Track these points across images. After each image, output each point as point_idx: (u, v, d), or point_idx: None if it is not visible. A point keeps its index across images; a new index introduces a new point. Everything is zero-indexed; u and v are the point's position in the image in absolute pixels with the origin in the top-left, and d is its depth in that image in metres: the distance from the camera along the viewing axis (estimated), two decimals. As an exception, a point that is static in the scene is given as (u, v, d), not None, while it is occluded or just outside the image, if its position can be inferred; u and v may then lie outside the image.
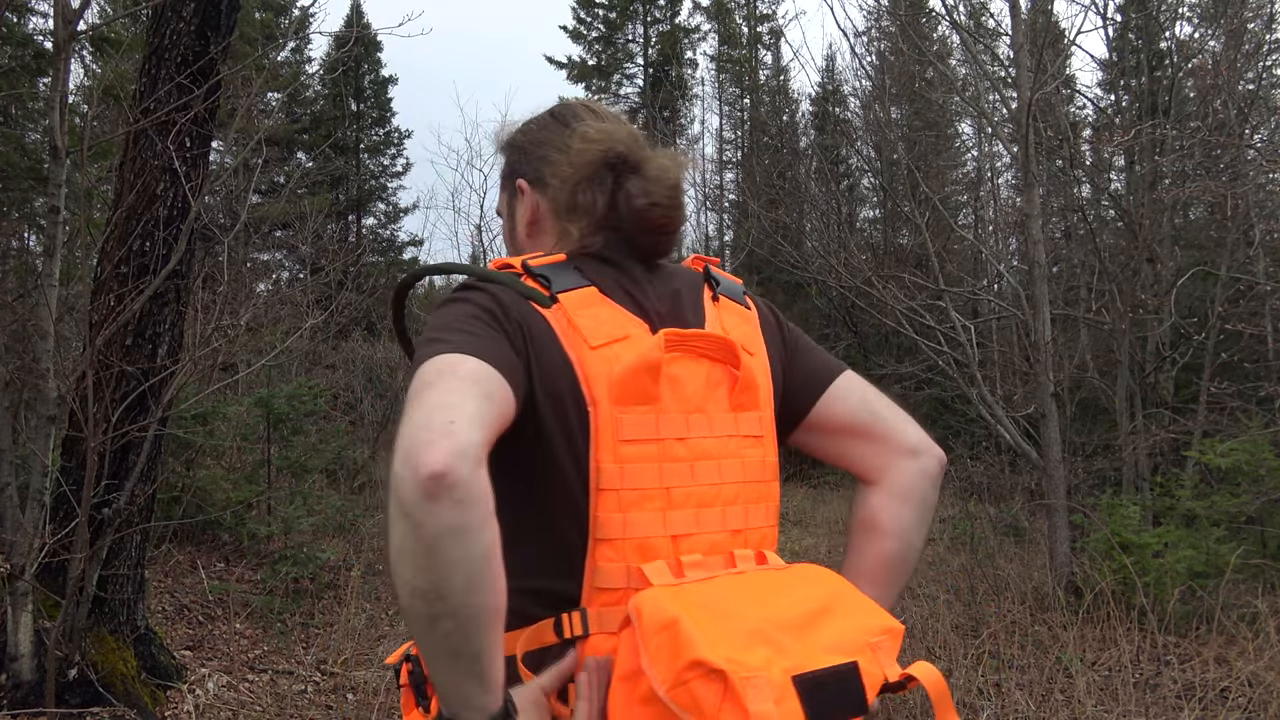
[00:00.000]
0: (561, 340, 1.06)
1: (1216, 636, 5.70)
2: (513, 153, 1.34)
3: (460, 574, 0.85)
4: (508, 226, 1.36)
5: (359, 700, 4.84)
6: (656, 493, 1.06)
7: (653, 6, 28.03)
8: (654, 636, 0.93)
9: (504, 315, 1.05)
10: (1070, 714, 4.59)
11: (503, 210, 1.38)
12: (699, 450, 1.10)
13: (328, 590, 6.87)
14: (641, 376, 1.06)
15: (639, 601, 0.97)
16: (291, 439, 8.22)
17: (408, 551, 0.85)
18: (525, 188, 1.30)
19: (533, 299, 1.08)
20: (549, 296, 1.09)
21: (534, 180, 1.28)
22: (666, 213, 1.20)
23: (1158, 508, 7.73)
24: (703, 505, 1.09)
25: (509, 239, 1.36)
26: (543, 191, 1.27)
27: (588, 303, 1.10)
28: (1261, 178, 9.57)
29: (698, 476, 1.09)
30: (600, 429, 1.04)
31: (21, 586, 3.87)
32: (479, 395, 0.93)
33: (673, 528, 1.06)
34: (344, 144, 24.91)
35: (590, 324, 1.08)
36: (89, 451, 3.89)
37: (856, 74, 17.21)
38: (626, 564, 1.04)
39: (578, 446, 1.05)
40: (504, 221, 1.38)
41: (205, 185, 4.69)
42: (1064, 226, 13.55)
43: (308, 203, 16.12)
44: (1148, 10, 11.85)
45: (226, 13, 4.60)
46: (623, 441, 1.04)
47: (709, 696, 0.89)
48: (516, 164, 1.33)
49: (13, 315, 6.32)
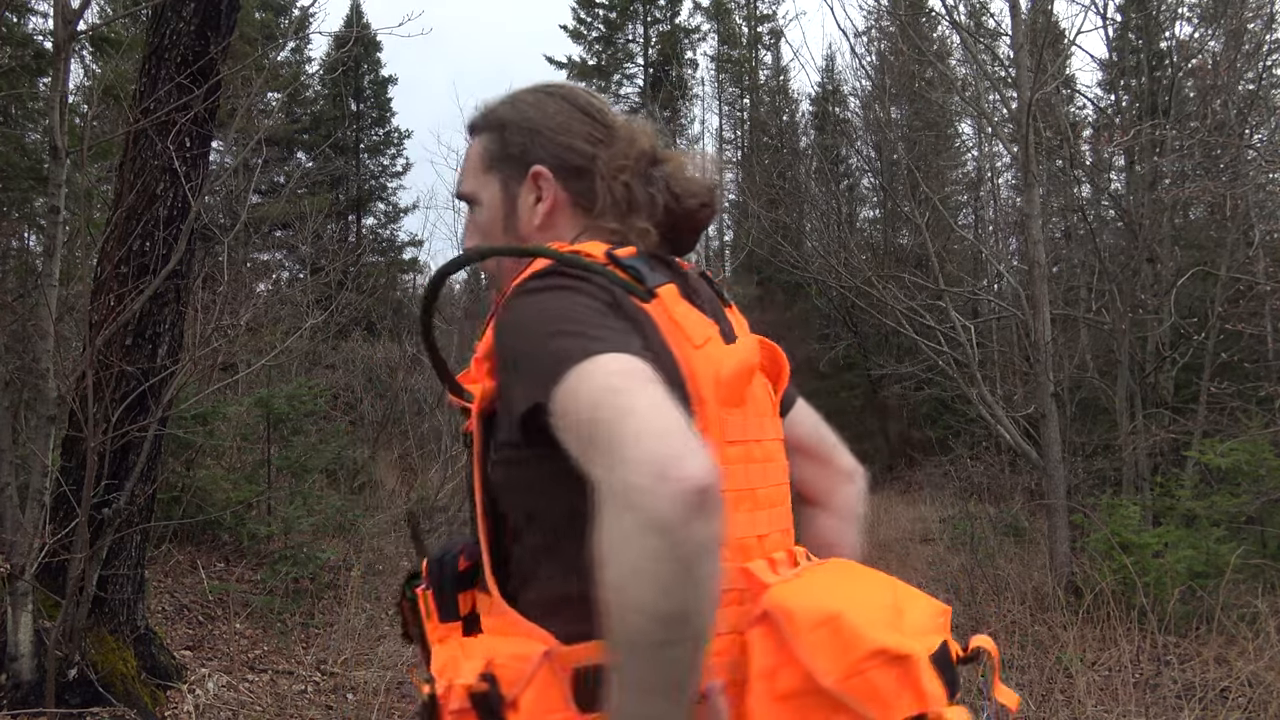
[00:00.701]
0: (666, 337, 1.02)
1: (1216, 636, 5.70)
2: (521, 134, 1.21)
3: (709, 593, 0.81)
4: (498, 214, 1.22)
5: (359, 700, 4.84)
6: (747, 494, 1.06)
7: (653, 6, 28.02)
8: (812, 632, 0.93)
9: (619, 308, 1.01)
10: (1070, 714, 4.59)
11: (486, 196, 1.23)
12: (767, 453, 1.12)
13: (328, 590, 6.87)
14: (744, 379, 1.07)
15: (780, 599, 0.97)
16: (291, 439, 8.22)
17: (657, 573, 0.78)
18: (546, 175, 1.19)
19: (633, 293, 1.03)
20: (647, 290, 1.04)
21: (557, 168, 1.19)
22: (711, 213, 1.21)
23: (1158, 508, 7.74)
24: (772, 506, 1.11)
25: (499, 228, 1.22)
26: (568, 181, 1.19)
27: (677, 300, 1.07)
28: (1261, 178, 9.58)
29: (768, 477, 1.11)
30: (709, 429, 1.01)
31: (21, 586, 3.87)
32: (673, 399, 0.87)
33: (757, 528, 1.07)
34: (344, 144, 24.90)
35: (688, 322, 1.05)
36: (89, 451, 3.89)
37: (856, 74, 17.23)
38: (733, 564, 1.02)
39: None
40: (487, 209, 1.23)
41: (205, 185, 4.69)
42: (1064, 226, 13.55)
43: (308, 203, 16.10)
44: (1148, 10, 11.86)
45: (226, 13, 4.60)
46: (727, 442, 1.03)
47: (888, 683, 0.90)
48: (527, 147, 1.20)
49: (13, 315, 6.32)
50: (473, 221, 1.26)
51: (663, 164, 1.19)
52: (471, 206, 1.26)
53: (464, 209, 1.29)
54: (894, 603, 1.01)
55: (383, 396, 12.04)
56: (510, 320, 1.01)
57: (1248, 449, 7.11)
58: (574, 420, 0.87)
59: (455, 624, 1.09)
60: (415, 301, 20.97)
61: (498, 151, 1.23)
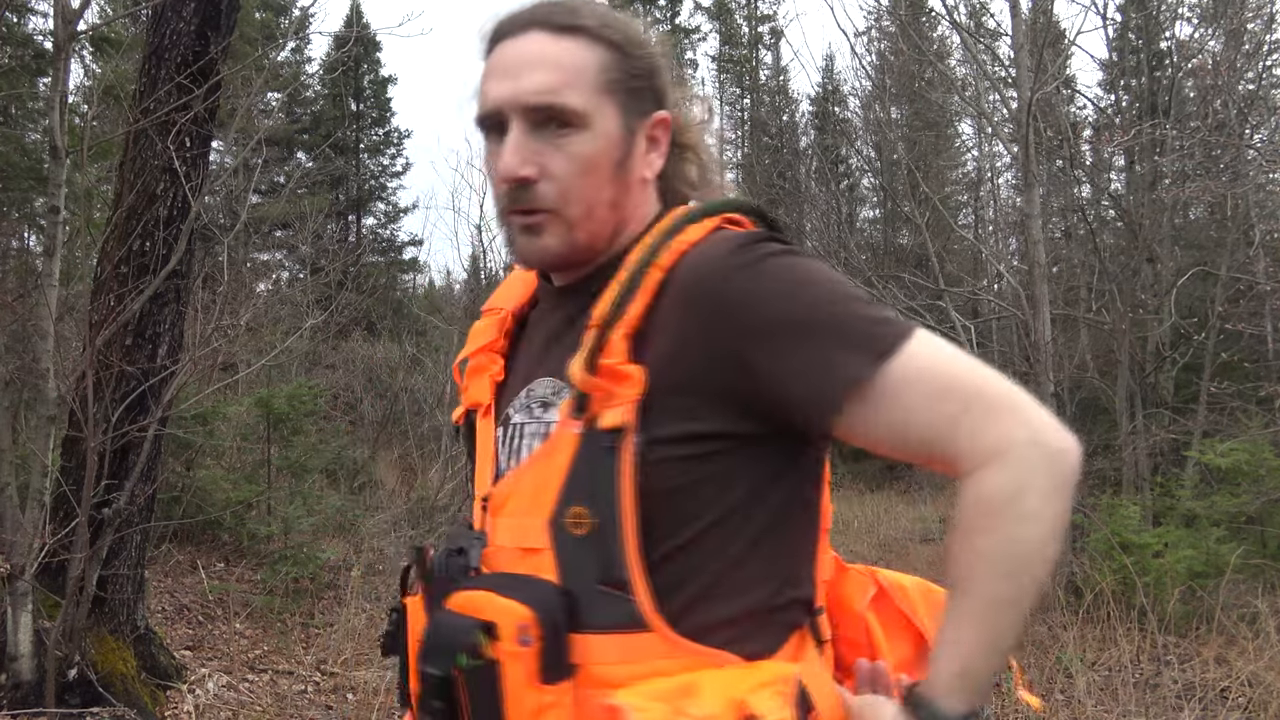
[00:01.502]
0: None
1: (1216, 636, 5.70)
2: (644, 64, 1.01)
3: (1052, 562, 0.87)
4: (615, 150, 0.98)
5: (359, 700, 4.84)
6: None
7: (653, 7, 28.02)
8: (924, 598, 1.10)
9: None
10: (1070, 714, 4.59)
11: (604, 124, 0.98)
12: None
13: (328, 590, 6.86)
14: None
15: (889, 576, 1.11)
16: (291, 439, 8.22)
17: (1058, 531, 0.86)
18: (669, 124, 1.04)
19: None
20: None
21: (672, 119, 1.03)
22: None
23: (1158, 508, 7.73)
24: None
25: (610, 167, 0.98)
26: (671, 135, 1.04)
27: None
28: (1261, 178, 9.57)
29: None
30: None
31: (21, 586, 3.87)
32: None
33: None
34: (344, 144, 24.90)
35: None
36: (89, 451, 3.89)
37: (856, 74, 17.24)
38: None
39: None
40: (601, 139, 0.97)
41: (205, 185, 4.69)
42: (1064, 226, 13.55)
43: (308, 203, 16.12)
44: (1148, 10, 11.86)
45: (226, 13, 4.60)
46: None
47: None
48: (653, 85, 1.02)
49: (13, 315, 6.32)
50: (559, 146, 0.96)
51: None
52: (564, 126, 0.97)
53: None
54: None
55: (383, 396, 12.04)
56: (785, 285, 0.89)
57: (1248, 449, 7.11)
58: (928, 382, 0.87)
59: (566, 683, 0.86)
60: (415, 301, 20.96)
61: (621, 76, 0.99)
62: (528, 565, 0.90)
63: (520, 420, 1.02)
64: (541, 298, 1.11)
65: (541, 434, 0.98)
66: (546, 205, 0.97)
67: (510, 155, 0.96)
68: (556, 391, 0.98)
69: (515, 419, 1.03)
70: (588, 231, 0.98)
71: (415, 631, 0.98)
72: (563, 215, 0.97)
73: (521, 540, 0.92)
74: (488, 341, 1.11)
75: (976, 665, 0.86)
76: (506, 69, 0.98)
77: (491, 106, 0.98)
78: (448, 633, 0.88)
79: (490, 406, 1.07)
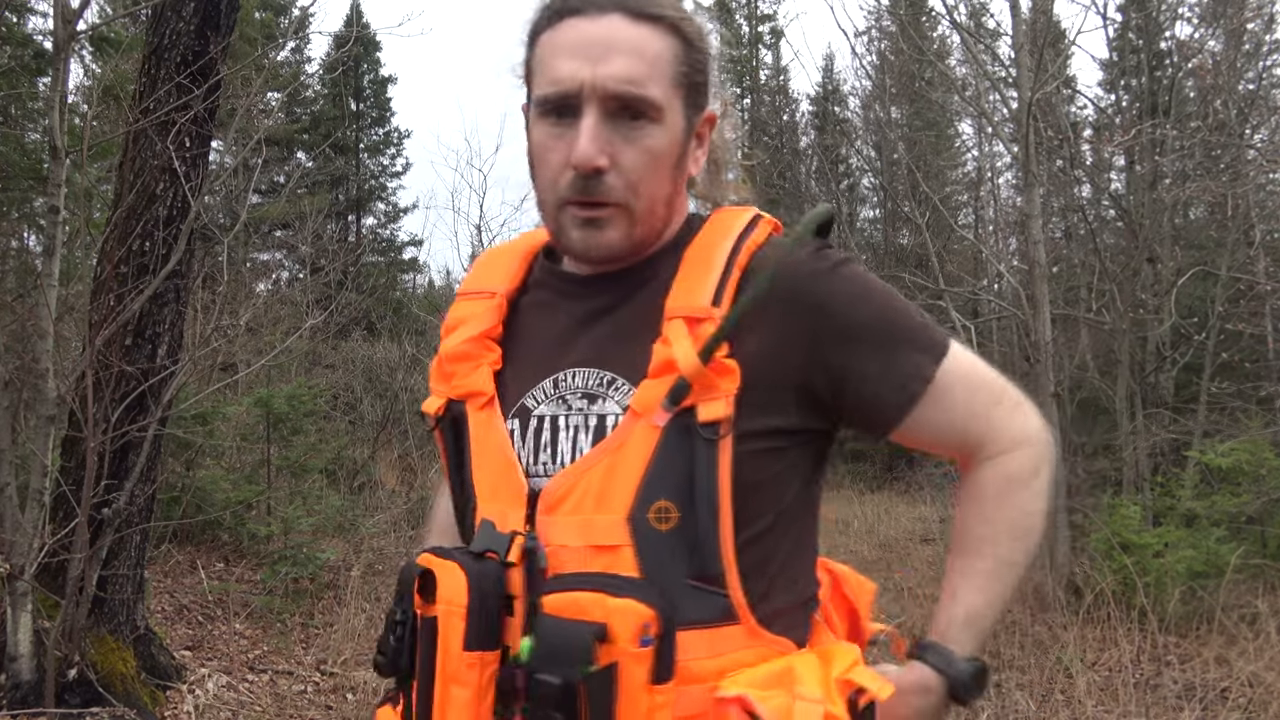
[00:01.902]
0: None
1: (1216, 636, 5.70)
2: (702, 60, 0.99)
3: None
4: (678, 148, 0.97)
5: (359, 700, 4.84)
6: None
7: (653, 6, 28.00)
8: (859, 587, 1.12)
9: None
10: (1070, 714, 4.59)
11: (674, 120, 0.95)
12: None
13: (328, 590, 6.86)
14: None
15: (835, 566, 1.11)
16: (291, 439, 8.22)
17: (1046, 506, 1.03)
18: (715, 122, 1.04)
19: None
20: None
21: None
22: None
23: (1158, 508, 7.73)
24: None
25: (671, 163, 0.96)
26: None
27: None
28: (1261, 178, 9.58)
29: None
30: None
31: (21, 586, 3.87)
32: None
33: None
34: (344, 144, 24.89)
35: None
36: (89, 451, 3.89)
37: (856, 74, 17.24)
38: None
39: None
40: (670, 135, 0.95)
41: (205, 185, 4.69)
42: (1064, 226, 13.55)
43: (308, 203, 16.12)
44: (1148, 10, 11.85)
45: (226, 13, 4.60)
46: None
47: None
48: (708, 80, 1.00)
49: (13, 315, 6.32)
50: (632, 139, 0.93)
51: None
52: (639, 118, 0.93)
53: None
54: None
55: (382, 396, 12.03)
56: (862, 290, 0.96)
57: (1248, 449, 7.11)
58: (966, 382, 1.00)
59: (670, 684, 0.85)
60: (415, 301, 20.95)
61: (689, 70, 0.97)
62: (602, 563, 0.88)
63: (549, 412, 0.97)
64: (549, 283, 1.06)
65: (589, 426, 0.94)
66: (614, 199, 0.94)
67: (588, 143, 0.91)
68: (607, 383, 0.95)
69: (539, 410, 0.97)
70: (647, 227, 0.97)
71: (449, 646, 0.90)
72: (629, 209, 0.95)
73: (592, 538, 0.89)
74: (485, 328, 1.03)
75: (984, 616, 1.00)
76: (587, 50, 0.92)
77: (569, 87, 0.92)
78: (566, 638, 0.84)
79: (493, 398, 1.00)
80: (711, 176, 1.08)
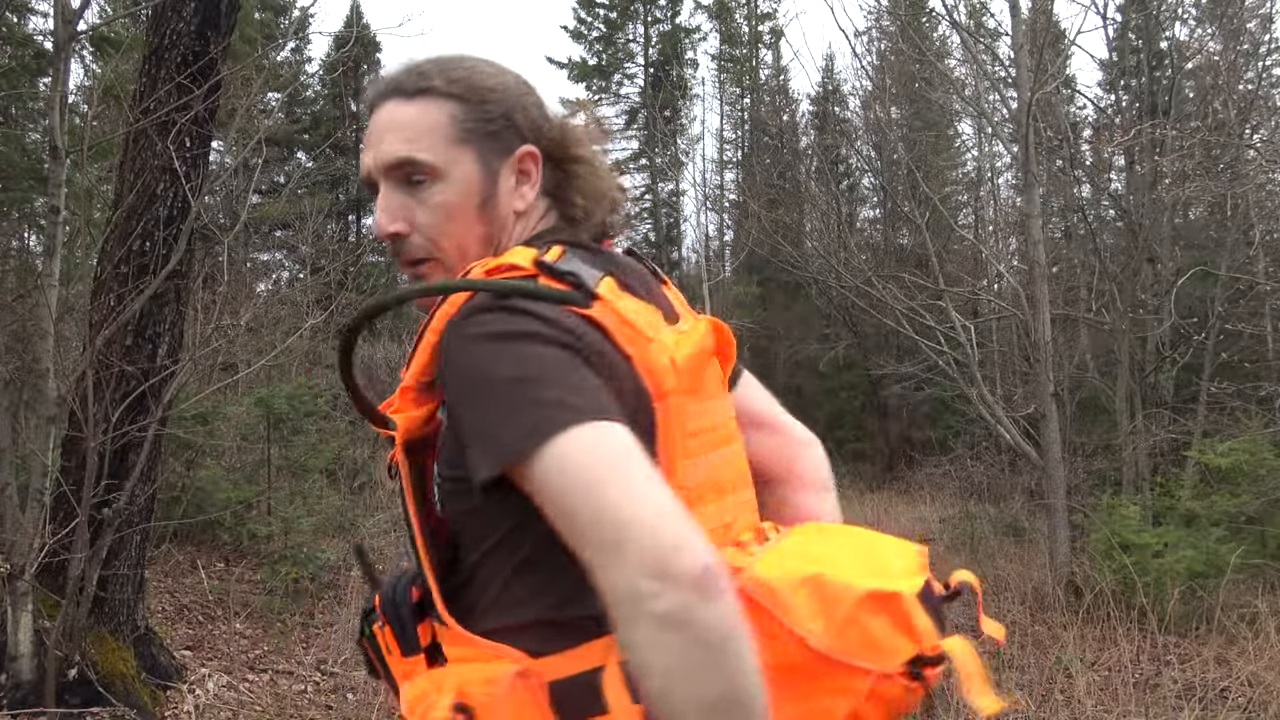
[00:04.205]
0: (616, 339, 0.96)
1: (1216, 636, 5.71)
2: (501, 107, 1.09)
3: (749, 668, 0.80)
4: (475, 195, 1.07)
5: (359, 700, 4.84)
6: (712, 485, 1.02)
7: (653, 6, 28.01)
8: (794, 595, 0.91)
9: (578, 342, 0.93)
10: (1070, 714, 4.59)
11: (459, 171, 1.07)
12: (726, 435, 1.08)
13: (328, 590, 6.86)
14: (701, 366, 1.02)
15: (755, 575, 0.94)
16: (291, 439, 8.22)
17: (690, 666, 0.78)
18: (537, 156, 1.11)
19: (571, 303, 0.96)
20: (587, 296, 0.97)
21: (542, 150, 1.11)
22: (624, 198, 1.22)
23: (1158, 508, 7.73)
24: (736, 489, 1.08)
25: (473, 211, 1.07)
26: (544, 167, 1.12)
27: (619, 293, 1.00)
28: (1261, 178, 9.59)
29: (730, 462, 1.08)
30: (669, 426, 0.97)
31: (21, 586, 3.88)
32: (656, 472, 0.87)
33: (724, 516, 1.03)
34: (344, 144, 24.87)
35: (637, 317, 0.98)
36: (89, 451, 3.89)
37: (856, 74, 17.24)
38: None
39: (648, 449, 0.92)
40: (459, 186, 1.07)
41: (205, 185, 4.69)
42: (1064, 226, 13.55)
43: (308, 203, 16.11)
44: (1148, 10, 11.86)
45: (226, 13, 4.60)
46: (688, 435, 0.99)
47: (881, 627, 0.90)
48: (511, 122, 1.09)
49: (13, 315, 6.32)
50: (421, 199, 1.07)
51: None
52: (421, 181, 1.06)
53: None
54: (869, 550, 1.02)
55: (383, 397, 12.01)
56: (467, 369, 0.92)
57: (1248, 449, 7.11)
58: (556, 502, 0.86)
59: (418, 657, 1.03)
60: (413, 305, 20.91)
61: (474, 124, 1.07)
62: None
63: None
64: None
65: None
66: (421, 255, 1.09)
67: (379, 214, 1.08)
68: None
69: None
70: (465, 268, 1.05)
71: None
72: (440, 260, 1.09)
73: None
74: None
75: None
76: (370, 138, 1.09)
77: (363, 174, 1.11)
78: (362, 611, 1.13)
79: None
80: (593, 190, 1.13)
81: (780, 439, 1.28)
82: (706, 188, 24.68)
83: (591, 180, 1.14)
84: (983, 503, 11.49)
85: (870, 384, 19.36)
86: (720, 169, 27.02)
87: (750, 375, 1.29)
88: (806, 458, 1.29)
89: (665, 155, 23.43)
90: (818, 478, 1.29)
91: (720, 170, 27.01)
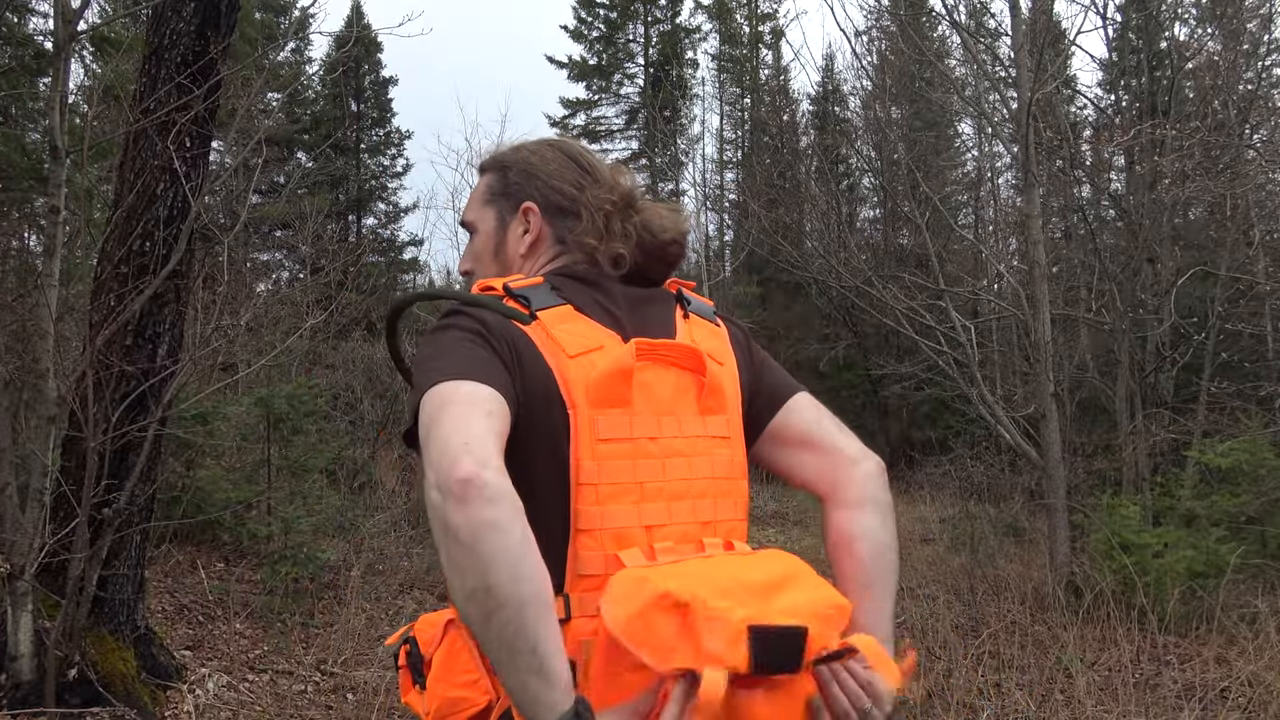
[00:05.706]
0: (542, 352, 1.18)
1: (1216, 636, 5.71)
2: (519, 176, 1.41)
3: (503, 565, 0.94)
4: (491, 242, 1.42)
5: (359, 700, 4.84)
6: (631, 486, 1.16)
7: (654, 6, 27.99)
8: (615, 587, 1.04)
9: (489, 333, 1.17)
10: (1070, 714, 4.59)
11: (484, 225, 1.43)
12: (670, 449, 1.20)
13: (328, 590, 6.86)
14: (616, 381, 1.17)
15: (614, 578, 1.07)
16: (291, 439, 8.21)
17: (456, 560, 0.96)
18: (535, 210, 1.39)
19: (514, 318, 1.21)
20: (529, 314, 1.21)
21: (544, 206, 1.38)
22: (681, 250, 1.37)
23: (1158, 508, 7.73)
24: (674, 498, 1.19)
25: (490, 254, 1.42)
26: (552, 217, 1.37)
27: (564, 318, 1.22)
28: (1261, 178, 9.59)
29: (669, 472, 1.19)
30: (579, 429, 1.15)
31: (21, 586, 3.87)
32: (481, 414, 1.06)
33: (646, 519, 1.16)
34: (344, 144, 24.87)
35: (567, 336, 1.19)
36: (89, 451, 3.89)
37: (857, 74, 17.24)
38: (604, 552, 1.13)
39: (560, 447, 1.15)
40: (483, 236, 1.43)
41: (205, 185, 4.68)
42: (1064, 226, 13.55)
43: (308, 203, 16.09)
44: (1148, 10, 11.86)
45: (226, 13, 4.60)
46: (600, 440, 1.15)
47: (667, 629, 0.98)
48: (522, 187, 1.40)
49: (13, 315, 6.32)
50: (470, 246, 1.45)
51: (640, 209, 1.35)
52: (471, 234, 1.45)
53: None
54: (766, 583, 1.07)
55: (382, 397, 12.02)
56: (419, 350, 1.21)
57: (1248, 449, 7.11)
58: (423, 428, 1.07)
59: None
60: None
61: (498, 188, 1.42)
62: None
63: None
64: None
65: None
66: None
67: (461, 257, 1.49)
68: None
69: None
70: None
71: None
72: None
73: None
74: None
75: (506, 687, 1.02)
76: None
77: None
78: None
79: None
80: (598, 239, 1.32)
81: (826, 459, 1.36)
82: (706, 188, 24.67)
83: (606, 226, 1.33)
84: (983, 503, 11.49)
85: (870, 384, 19.37)
86: (720, 169, 26.99)
87: (804, 398, 1.41)
88: (850, 475, 1.34)
89: (665, 155, 23.41)
90: (856, 495, 1.33)
91: (720, 170, 26.98)
